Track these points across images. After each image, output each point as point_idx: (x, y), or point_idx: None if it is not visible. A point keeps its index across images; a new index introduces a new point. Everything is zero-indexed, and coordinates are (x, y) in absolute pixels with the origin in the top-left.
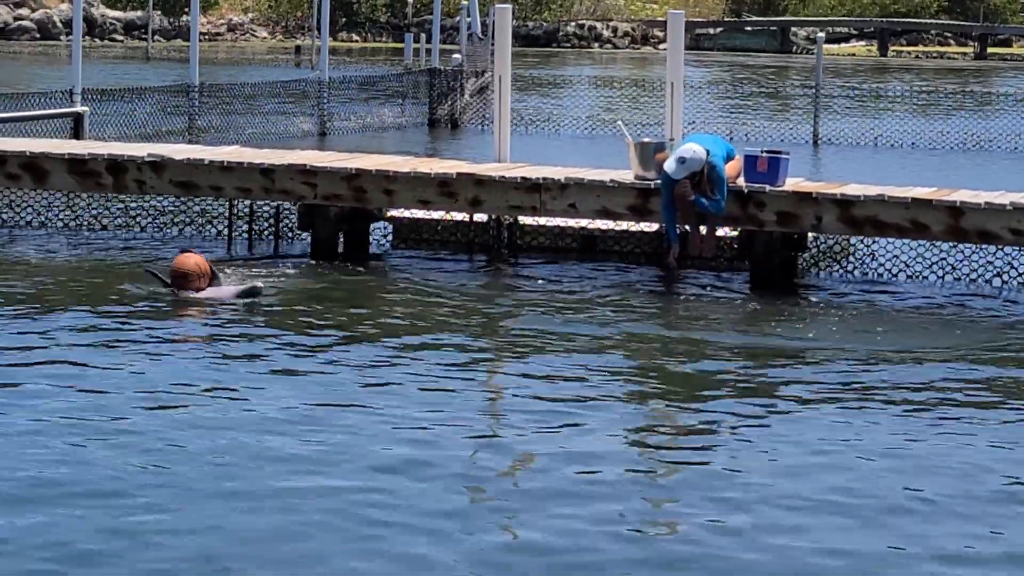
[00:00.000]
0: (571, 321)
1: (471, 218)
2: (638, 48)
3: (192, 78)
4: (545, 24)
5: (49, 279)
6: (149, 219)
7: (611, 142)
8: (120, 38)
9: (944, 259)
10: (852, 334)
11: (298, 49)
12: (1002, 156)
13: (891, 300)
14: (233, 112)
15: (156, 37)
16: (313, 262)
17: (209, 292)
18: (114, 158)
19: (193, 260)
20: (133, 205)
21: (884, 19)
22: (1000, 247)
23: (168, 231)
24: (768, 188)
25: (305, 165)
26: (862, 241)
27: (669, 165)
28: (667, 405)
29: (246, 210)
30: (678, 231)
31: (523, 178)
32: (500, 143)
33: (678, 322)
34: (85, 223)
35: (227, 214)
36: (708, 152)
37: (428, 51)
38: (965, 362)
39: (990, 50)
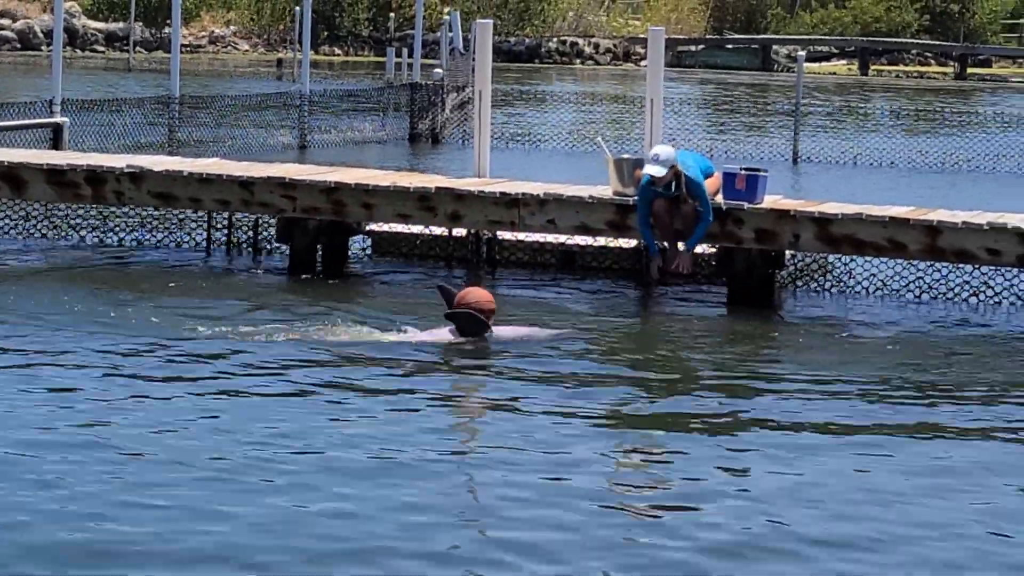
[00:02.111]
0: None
1: (450, 232)
2: (620, 64)
3: (173, 90)
4: (527, 40)
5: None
6: (128, 230)
7: (591, 158)
8: (101, 49)
9: (921, 278)
10: (827, 353)
11: (280, 62)
12: (981, 176)
13: (867, 319)
14: (214, 124)
15: (138, 48)
16: (291, 275)
17: (513, 332)
18: (93, 169)
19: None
20: (109, 214)
21: (865, 38)
22: (976, 267)
23: (145, 242)
24: (746, 205)
25: (284, 178)
26: (840, 259)
27: (649, 168)
28: (641, 424)
29: (225, 222)
30: (657, 247)
31: (502, 193)
32: (480, 158)
33: (655, 340)
34: (63, 233)
35: (206, 226)
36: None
37: (410, 65)
38: (939, 382)
39: (970, 70)
